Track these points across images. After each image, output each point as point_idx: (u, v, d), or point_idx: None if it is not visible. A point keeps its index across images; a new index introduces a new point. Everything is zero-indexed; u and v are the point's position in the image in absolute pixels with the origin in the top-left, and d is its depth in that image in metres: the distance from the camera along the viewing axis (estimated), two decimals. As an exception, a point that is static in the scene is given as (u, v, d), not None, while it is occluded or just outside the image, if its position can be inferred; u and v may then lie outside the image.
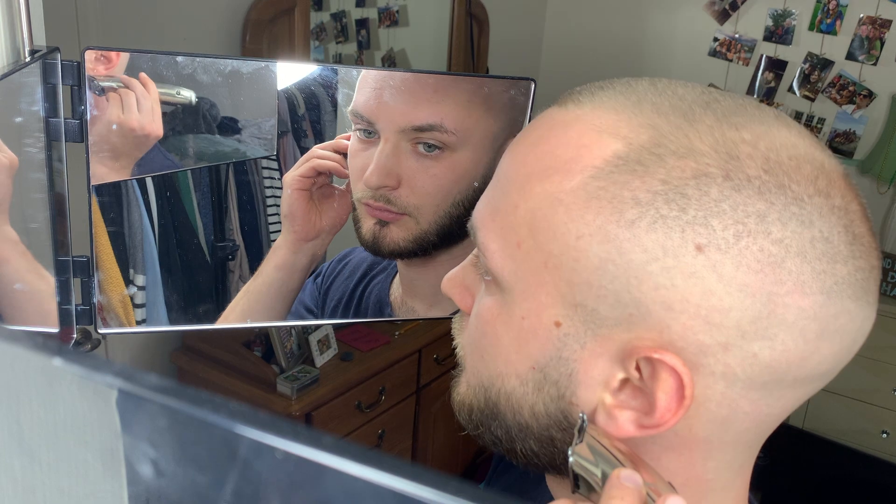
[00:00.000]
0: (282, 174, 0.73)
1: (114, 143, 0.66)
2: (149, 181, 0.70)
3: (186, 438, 0.22)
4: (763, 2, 2.55)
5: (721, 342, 0.37)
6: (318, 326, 1.81)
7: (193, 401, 0.22)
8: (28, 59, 0.63)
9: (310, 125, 0.72)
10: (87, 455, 0.24)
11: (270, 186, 0.74)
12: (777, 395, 0.39)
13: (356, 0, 2.10)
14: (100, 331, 0.71)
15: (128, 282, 0.71)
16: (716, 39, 2.64)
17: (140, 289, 0.72)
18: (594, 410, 0.40)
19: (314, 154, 0.73)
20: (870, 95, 2.48)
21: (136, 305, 0.72)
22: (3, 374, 0.24)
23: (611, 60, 2.82)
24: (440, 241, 0.74)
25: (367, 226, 0.73)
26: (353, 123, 0.71)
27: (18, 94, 0.62)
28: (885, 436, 2.42)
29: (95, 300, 0.69)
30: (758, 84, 2.62)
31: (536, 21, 2.92)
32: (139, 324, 0.74)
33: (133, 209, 0.70)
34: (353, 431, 1.90)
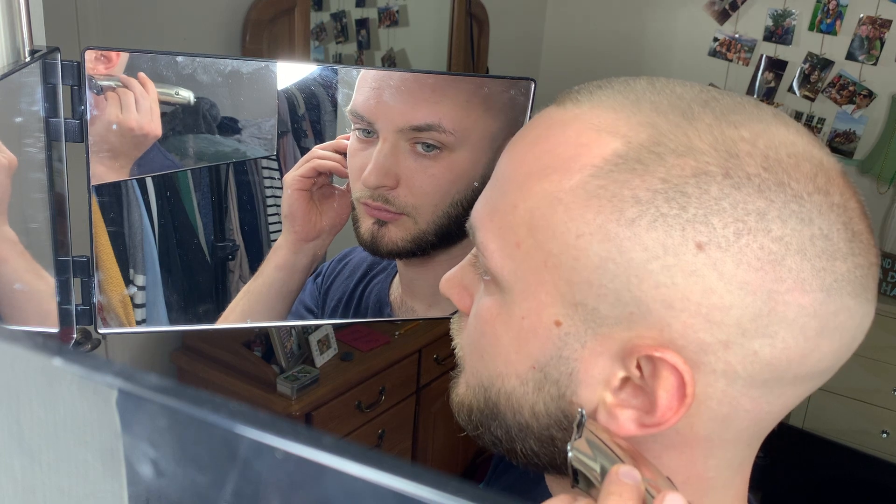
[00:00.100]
0: (282, 174, 0.73)
1: (112, 143, 0.66)
2: (149, 181, 0.70)
3: (186, 438, 0.22)
4: (763, 2, 2.55)
5: (722, 340, 0.37)
6: (318, 326, 1.81)
7: (193, 401, 0.22)
8: (28, 59, 0.63)
9: (310, 125, 0.72)
10: (87, 455, 0.24)
11: (270, 186, 0.74)
12: (777, 393, 0.39)
13: (356, 0, 2.10)
14: (100, 331, 0.71)
15: (128, 282, 0.71)
16: (716, 39, 2.64)
17: (140, 289, 0.72)
18: (595, 409, 0.40)
19: (315, 154, 0.73)
20: (870, 95, 2.48)
21: (136, 305, 0.72)
22: (3, 374, 0.24)
23: (611, 60, 2.82)
24: (438, 241, 0.74)
25: (366, 225, 0.73)
26: (353, 123, 0.71)
27: (18, 94, 0.62)
28: (885, 436, 2.42)
29: (95, 300, 0.69)
30: (758, 84, 2.62)
31: (536, 21, 2.92)
32: (139, 324, 0.74)
33: (133, 209, 0.70)
34: (353, 431, 1.90)
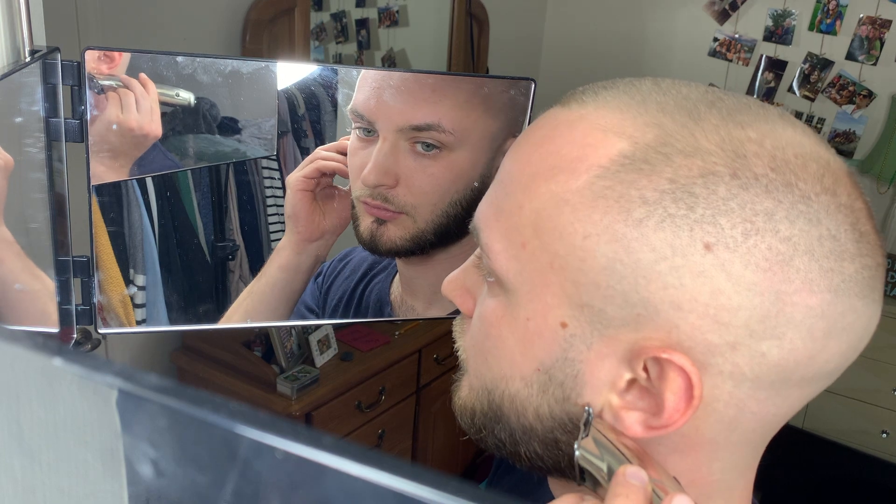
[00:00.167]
0: (282, 174, 0.73)
1: (112, 143, 0.66)
2: (149, 181, 0.70)
3: (186, 438, 0.22)
4: (763, 2, 2.55)
5: (729, 341, 0.36)
6: (318, 326, 1.81)
7: (193, 401, 0.22)
8: (28, 59, 0.63)
9: (310, 125, 0.72)
10: (87, 455, 0.24)
11: (270, 186, 0.74)
12: (784, 395, 0.39)
13: (356, 0, 2.10)
14: (100, 331, 0.71)
15: (128, 282, 0.71)
16: (716, 39, 2.64)
17: (140, 289, 0.72)
18: (601, 412, 0.40)
19: (318, 155, 0.73)
20: (870, 95, 2.48)
21: (137, 305, 0.72)
22: (3, 374, 0.24)
23: (611, 60, 2.82)
24: (438, 241, 0.74)
25: (365, 224, 0.73)
26: (353, 122, 0.72)
27: (18, 94, 0.62)
28: (885, 436, 2.42)
29: (95, 300, 0.69)
30: (758, 84, 2.62)
31: (536, 21, 2.92)
32: (139, 324, 0.74)
33: (133, 209, 0.70)
34: (353, 431, 1.90)
